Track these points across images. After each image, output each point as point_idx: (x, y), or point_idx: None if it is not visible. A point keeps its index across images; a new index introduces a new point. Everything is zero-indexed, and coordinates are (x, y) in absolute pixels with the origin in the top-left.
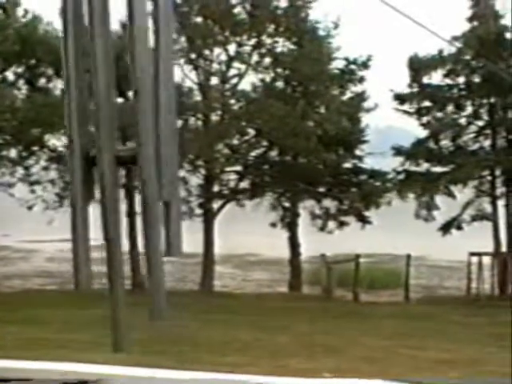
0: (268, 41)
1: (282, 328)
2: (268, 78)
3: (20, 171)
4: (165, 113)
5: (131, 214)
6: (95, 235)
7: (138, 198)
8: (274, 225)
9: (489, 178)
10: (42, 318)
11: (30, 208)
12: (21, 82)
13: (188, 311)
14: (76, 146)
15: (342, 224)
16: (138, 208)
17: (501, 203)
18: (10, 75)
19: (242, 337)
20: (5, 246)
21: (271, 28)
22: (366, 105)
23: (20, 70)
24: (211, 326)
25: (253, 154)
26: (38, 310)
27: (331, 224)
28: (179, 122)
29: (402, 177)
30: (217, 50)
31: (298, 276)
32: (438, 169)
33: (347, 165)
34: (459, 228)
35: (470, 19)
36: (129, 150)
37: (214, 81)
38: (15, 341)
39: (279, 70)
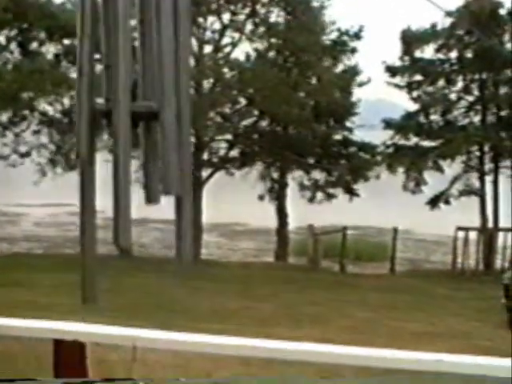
0: (262, 10)
1: (268, 297)
2: (261, 48)
3: (10, 136)
4: (184, 74)
5: None
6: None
7: None
8: (261, 197)
9: (477, 153)
10: (29, 282)
11: (14, 166)
12: (13, 46)
13: (175, 277)
14: (84, 107)
15: (330, 196)
16: None
17: (489, 179)
18: (1, 39)
19: (229, 305)
20: None
21: None
22: (358, 79)
23: (12, 33)
24: (198, 292)
25: (244, 123)
26: (26, 273)
27: (319, 195)
28: None
29: (391, 150)
30: (210, 19)
31: (285, 246)
32: (427, 143)
33: (337, 137)
34: (447, 202)
35: None
36: (144, 107)
37: (208, 49)
38: (2, 304)
39: (273, 40)
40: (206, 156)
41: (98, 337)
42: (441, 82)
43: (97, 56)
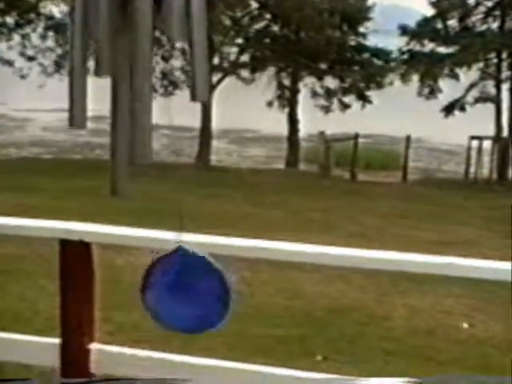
0: None
1: (278, 204)
2: None
3: (16, 39)
4: None
5: None
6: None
7: None
8: (270, 104)
9: (495, 60)
10: (37, 186)
11: (22, 77)
12: None
13: (184, 184)
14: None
15: (342, 103)
16: None
17: (505, 87)
18: None
19: (238, 211)
20: (0, 114)
21: None
22: None
23: None
24: (207, 199)
25: (255, 27)
26: (34, 177)
27: (331, 103)
28: None
29: (406, 57)
30: None
31: (296, 153)
32: (443, 50)
33: (351, 42)
34: (462, 109)
35: None
36: None
37: None
38: (10, 207)
39: None
40: (216, 61)
41: (106, 237)
42: None
43: None
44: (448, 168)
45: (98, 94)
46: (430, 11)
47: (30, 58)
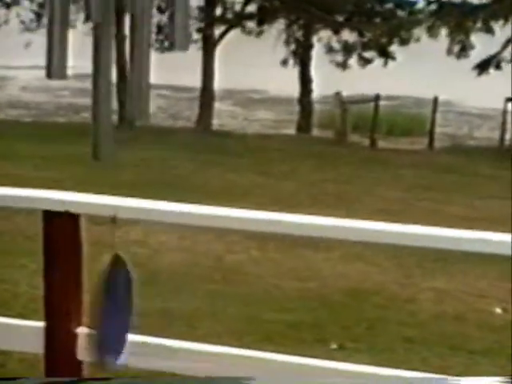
0: None
1: (288, 173)
2: None
3: None
4: None
5: (120, 40)
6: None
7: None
8: (285, 62)
9: None
10: (16, 153)
11: None
12: None
13: (183, 150)
14: None
15: (361, 60)
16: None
17: None
18: None
19: (243, 181)
20: None
21: None
22: None
23: None
24: (208, 167)
25: None
26: (12, 143)
27: (349, 60)
28: None
29: (433, 7)
30: None
31: (308, 117)
32: (476, 0)
33: None
34: (498, 67)
35: None
36: None
37: None
38: None
39: None
40: (218, 11)
41: (94, 208)
42: None
43: None
44: (480, 134)
45: (85, 50)
46: None
47: (9, 5)
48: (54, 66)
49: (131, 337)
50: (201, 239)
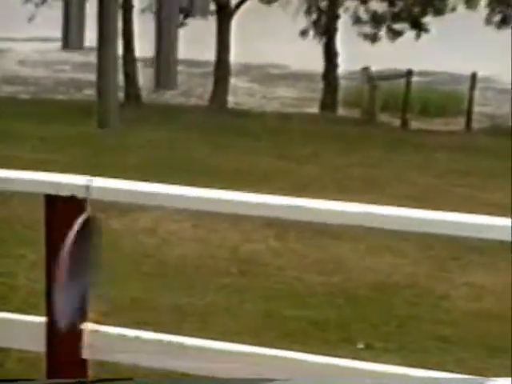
0: None
1: (310, 156)
2: None
3: None
4: None
5: (127, 10)
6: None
7: None
8: (304, 33)
9: None
10: (15, 134)
11: None
12: None
13: (195, 130)
14: None
15: (392, 30)
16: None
17: None
18: None
19: (262, 165)
20: None
21: None
22: None
23: None
24: (223, 150)
25: None
26: (11, 123)
27: (378, 32)
28: None
29: None
30: None
31: (333, 94)
32: None
33: None
34: None
35: None
36: None
37: None
38: None
39: None
40: None
41: (105, 192)
42: None
43: None
44: None
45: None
46: None
47: None
48: (72, 37)
49: (139, 333)
50: (215, 228)
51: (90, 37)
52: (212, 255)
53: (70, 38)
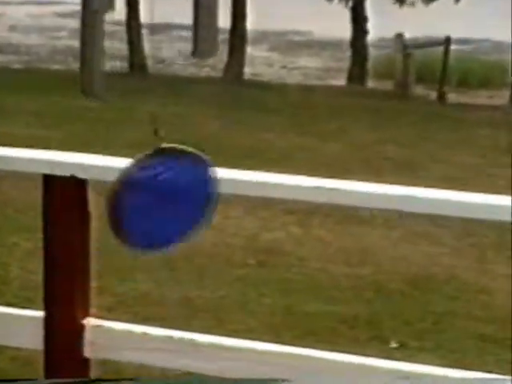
0: None
1: (335, 133)
2: None
3: None
4: None
5: None
6: None
7: None
8: None
9: None
10: (4, 107)
11: None
12: None
13: (207, 105)
14: None
15: None
16: None
17: None
18: None
19: (281, 143)
20: None
21: None
22: None
23: None
24: (238, 126)
25: None
26: (2, 96)
27: None
28: None
29: None
30: None
31: (363, 64)
32: None
33: None
34: None
35: None
36: None
37: None
38: None
39: None
40: None
41: (104, 172)
42: None
43: None
44: None
45: None
46: None
47: None
48: None
49: (147, 329)
50: (229, 214)
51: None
52: (226, 244)
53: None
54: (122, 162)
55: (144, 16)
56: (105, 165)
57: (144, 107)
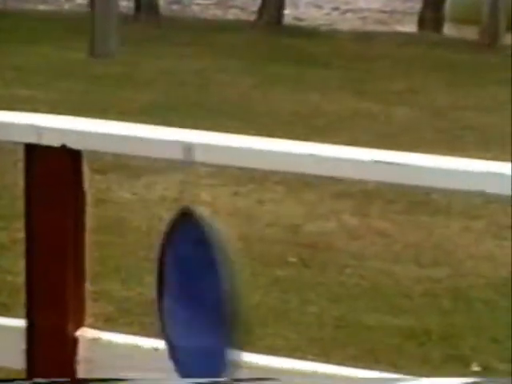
0: None
1: (403, 94)
2: None
3: None
4: None
5: None
6: None
7: None
8: None
9: None
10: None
11: None
12: None
13: (236, 57)
14: None
15: None
16: None
17: None
18: None
19: (331, 106)
20: None
21: None
22: None
23: None
24: (276, 84)
25: None
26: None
27: None
28: None
29: None
30: None
31: (438, 6)
32: None
33: None
34: None
35: None
36: None
37: None
38: None
39: None
40: None
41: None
42: None
43: None
44: None
45: None
46: None
47: None
48: None
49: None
50: (264, 197)
51: None
52: (261, 237)
53: None
54: (125, 130)
55: None
56: (103, 133)
57: (159, 60)
